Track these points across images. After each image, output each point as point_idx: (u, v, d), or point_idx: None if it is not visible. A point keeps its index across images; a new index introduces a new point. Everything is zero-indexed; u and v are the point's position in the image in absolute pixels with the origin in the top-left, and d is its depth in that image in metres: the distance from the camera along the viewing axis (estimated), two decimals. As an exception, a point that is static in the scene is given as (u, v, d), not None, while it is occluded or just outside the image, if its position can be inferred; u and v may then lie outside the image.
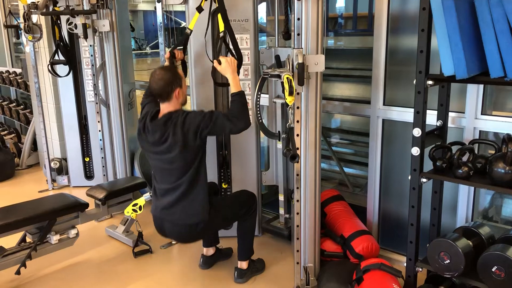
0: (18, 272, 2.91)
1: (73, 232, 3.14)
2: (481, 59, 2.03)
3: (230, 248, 3.26)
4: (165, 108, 2.60)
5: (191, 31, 2.90)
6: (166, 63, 2.90)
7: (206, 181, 2.68)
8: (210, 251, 3.13)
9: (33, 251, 2.94)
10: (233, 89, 2.62)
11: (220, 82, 3.04)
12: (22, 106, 6.09)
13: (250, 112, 3.20)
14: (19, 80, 5.82)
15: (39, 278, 3.08)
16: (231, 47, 2.85)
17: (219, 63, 2.65)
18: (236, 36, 3.09)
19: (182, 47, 3.01)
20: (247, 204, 2.86)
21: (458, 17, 1.96)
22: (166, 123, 2.54)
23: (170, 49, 2.92)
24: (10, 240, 2.94)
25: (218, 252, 3.18)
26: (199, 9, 2.86)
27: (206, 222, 2.66)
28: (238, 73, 2.84)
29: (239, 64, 2.82)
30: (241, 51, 3.06)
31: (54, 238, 3.03)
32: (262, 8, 4.15)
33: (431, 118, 2.48)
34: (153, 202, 2.77)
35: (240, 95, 2.60)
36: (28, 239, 3.03)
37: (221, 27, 2.79)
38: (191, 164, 2.58)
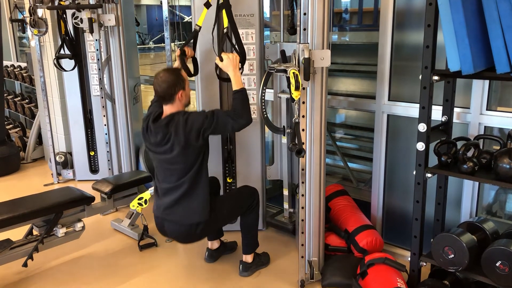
0: (25, 265, 2.93)
1: (79, 225, 3.16)
2: (487, 54, 2.03)
3: (235, 242, 3.28)
4: (167, 109, 2.62)
5: (200, 27, 2.90)
6: (177, 62, 2.90)
7: (208, 182, 2.70)
8: (215, 244, 3.15)
9: (40, 244, 2.96)
10: (234, 86, 2.63)
11: (224, 77, 3.04)
12: (27, 100, 6.12)
13: (254, 108, 3.25)
14: (24, 74, 5.85)
15: (45, 270, 3.11)
16: (234, 43, 2.86)
17: (221, 59, 2.66)
18: (242, 31, 3.11)
19: (192, 44, 3.01)
20: (248, 200, 2.87)
21: (465, 12, 1.97)
22: (168, 125, 2.55)
23: (180, 46, 2.92)
24: (17, 233, 2.97)
25: (223, 245, 3.20)
26: (207, 4, 2.85)
27: (207, 222, 2.68)
28: (242, 68, 2.86)
29: (243, 60, 2.83)
30: (247, 46, 3.07)
31: (61, 231, 3.05)
32: (266, 3, 4.15)
33: (436, 113, 2.49)
34: (155, 201, 2.79)
35: (241, 92, 2.61)
36: (35, 232, 3.06)
37: (226, 22, 2.80)
38: (193, 164, 2.60)
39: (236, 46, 2.85)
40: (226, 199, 2.99)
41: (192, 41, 3.00)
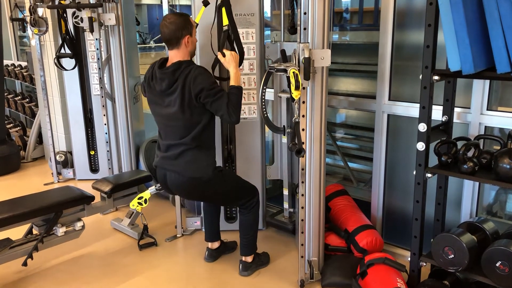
0: (25, 264, 2.93)
1: (79, 225, 3.16)
2: (488, 54, 2.03)
3: (234, 242, 3.28)
4: (173, 56, 2.58)
5: (197, 24, 2.90)
6: None
7: (213, 146, 2.69)
8: (215, 244, 3.15)
9: (40, 243, 2.96)
10: (232, 82, 2.64)
11: (223, 77, 3.04)
12: (27, 99, 6.11)
13: (254, 107, 3.26)
14: (25, 73, 5.85)
15: (45, 269, 3.11)
16: (234, 42, 2.85)
17: (223, 55, 2.66)
18: (242, 30, 3.11)
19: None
20: (249, 193, 2.86)
21: (465, 12, 1.96)
22: (174, 72, 2.52)
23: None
24: (17, 232, 2.96)
25: (223, 245, 3.20)
26: (205, 3, 2.87)
27: (209, 179, 2.64)
28: (241, 67, 2.85)
29: (241, 58, 2.83)
30: (247, 45, 3.07)
31: (61, 230, 3.05)
32: (267, 2, 4.15)
33: (437, 113, 2.49)
34: (157, 155, 2.76)
35: (239, 89, 2.62)
36: (35, 231, 3.06)
37: (225, 21, 2.79)
38: (197, 123, 2.58)
39: (235, 45, 2.84)
40: (232, 175, 2.96)
41: None
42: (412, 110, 2.91)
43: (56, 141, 4.91)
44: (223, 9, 2.78)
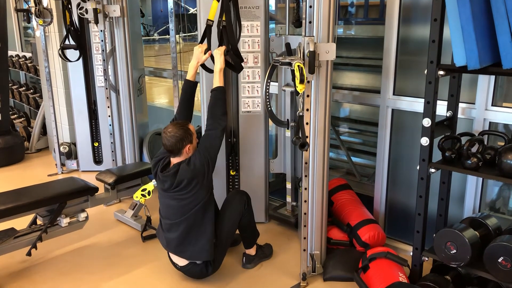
0: (29, 254, 2.95)
1: (82, 216, 3.18)
2: (494, 49, 2.02)
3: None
4: (175, 160, 2.67)
5: (213, 21, 2.86)
6: (193, 61, 2.87)
7: (212, 221, 2.72)
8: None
9: (44, 233, 2.98)
10: (215, 83, 2.76)
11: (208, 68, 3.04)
12: (31, 90, 6.13)
13: (258, 100, 3.25)
14: (29, 64, 5.85)
15: (49, 259, 3.14)
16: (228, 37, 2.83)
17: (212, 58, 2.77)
18: (247, 23, 3.11)
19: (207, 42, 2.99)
20: (239, 209, 2.85)
21: (472, 7, 1.95)
22: (175, 174, 2.61)
23: (205, 49, 2.85)
24: (21, 222, 2.98)
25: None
26: None
27: (212, 255, 2.71)
28: (242, 63, 2.89)
29: (239, 57, 2.85)
30: (252, 38, 3.06)
31: (64, 221, 3.07)
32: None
33: (441, 108, 2.48)
34: (161, 236, 2.84)
35: (218, 91, 2.74)
36: (39, 222, 3.08)
37: (211, 15, 2.81)
38: (200, 200, 2.65)
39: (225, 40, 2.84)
40: (224, 227, 2.84)
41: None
42: (416, 105, 2.90)
43: (60, 132, 4.93)
44: (217, 3, 2.77)
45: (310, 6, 2.48)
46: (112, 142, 4.22)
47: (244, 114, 3.34)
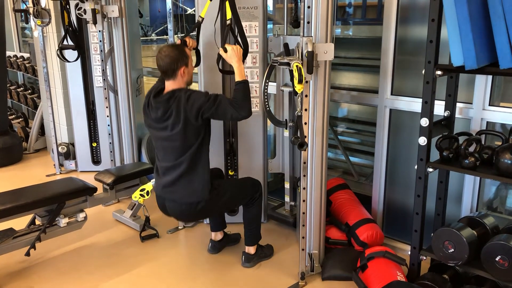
0: (28, 254, 2.96)
1: (81, 216, 3.18)
2: (491, 49, 2.03)
3: (238, 234, 3.30)
4: (169, 85, 2.62)
5: (203, 19, 2.90)
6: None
7: (208, 162, 2.71)
8: (218, 235, 3.17)
9: (43, 234, 2.98)
10: (237, 77, 2.64)
11: (225, 70, 3.04)
12: (29, 91, 6.12)
13: (256, 100, 3.26)
14: (27, 65, 5.85)
15: (48, 260, 3.14)
16: (238, 36, 2.85)
17: (225, 51, 2.66)
18: (245, 23, 3.11)
19: (195, 35, 3.01)
20: (251, 191, 2.88)
21: (469, 7, 1.96)
22: (169, 100, 2.55)
23: (181, 36, 2.91)
24: (20, 223, 2.98)
25: (226, 237, 3.22)
26: None
27: (207, 201, 2.68)
28: (244, 61, 2.86)
29: (245, 53, 2.83)
30: (250, 38, 3.06)
31: (63, 221, 3.07)
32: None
33: (439, 108, 2.49)
34: (155, 180, 2.81)
35: (244, 83, 2.62)
36: (38, 222, 3.08)
37: (228, 15, 2.79)
38: (193, 143, 2.60)
39: (239, 39, 2.84)
40: (230, 185, 2.98)
41: (195, 32, 3.00)
42: (414, 105, 2.92)
43: (58, 132, 4.93)
44: (227, 3, 2.77)
45: (308, 7, 2.49)
46: (110, 142, 4.22)
47: (243, 114, 3.34)
